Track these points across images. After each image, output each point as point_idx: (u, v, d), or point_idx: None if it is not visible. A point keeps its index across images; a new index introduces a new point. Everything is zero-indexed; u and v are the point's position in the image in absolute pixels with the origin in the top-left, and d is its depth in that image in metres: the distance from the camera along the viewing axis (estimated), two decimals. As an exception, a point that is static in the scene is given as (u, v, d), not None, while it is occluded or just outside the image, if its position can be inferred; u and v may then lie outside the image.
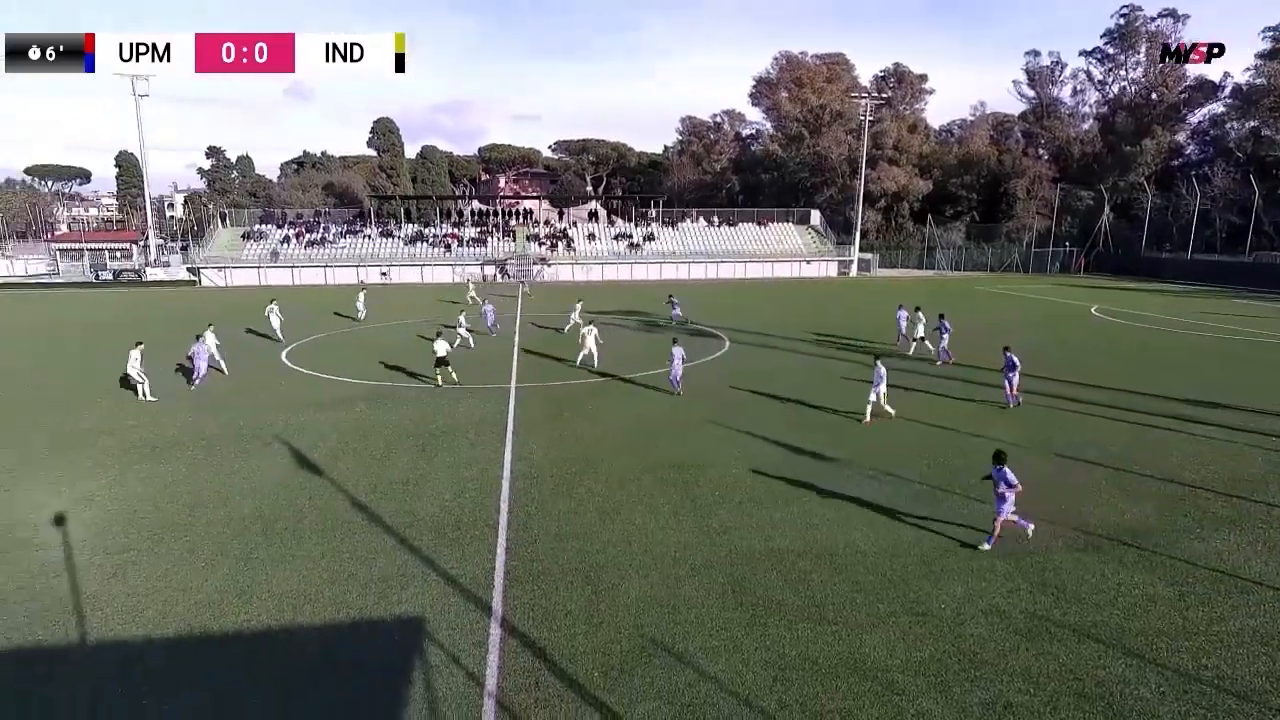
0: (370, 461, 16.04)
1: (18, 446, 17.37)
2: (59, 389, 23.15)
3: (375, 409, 20.41)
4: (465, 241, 67.95)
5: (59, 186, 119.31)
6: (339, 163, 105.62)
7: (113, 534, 12.55)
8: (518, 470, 15.47)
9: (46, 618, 9.96)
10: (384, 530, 12.59)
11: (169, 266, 64.10)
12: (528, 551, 11.81)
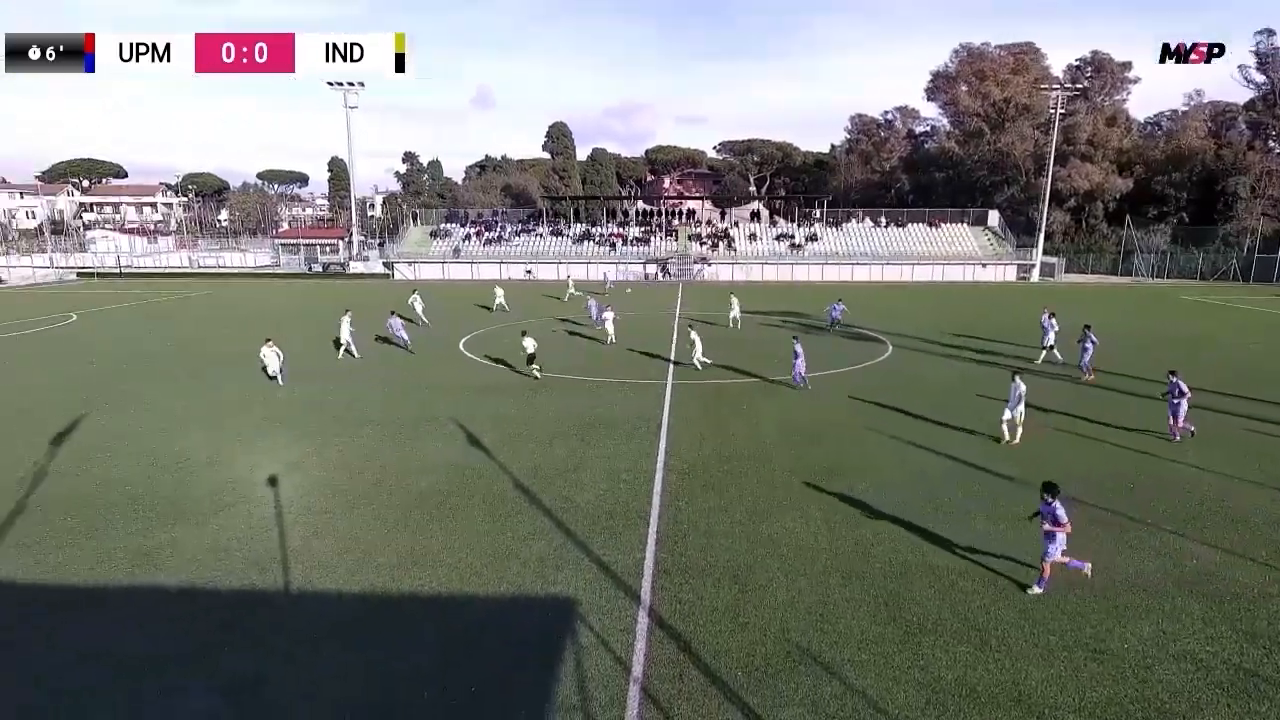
0: (534, 447, 16.85)
1: (242, 416, 19.86)
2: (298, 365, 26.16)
3: (541, 398, 21.41)
4: (629, 240, 69.60)
5: (283, 189, 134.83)
6: (516, 165, 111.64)
7: (314, 497, 14.04)
8: (670, 465, 15.66)
9: (260, 565, 11.33)
10: (543, 513, 13.19)
11: (368, 260, 70.67)
12: (677, 546, 11.93)
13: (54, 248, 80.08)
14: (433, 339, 31.74)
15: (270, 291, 54.81)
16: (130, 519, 13.06)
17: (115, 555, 11.69)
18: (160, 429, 18.64)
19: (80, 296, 51.86)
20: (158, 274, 69.70)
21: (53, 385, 23.45)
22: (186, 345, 30.86)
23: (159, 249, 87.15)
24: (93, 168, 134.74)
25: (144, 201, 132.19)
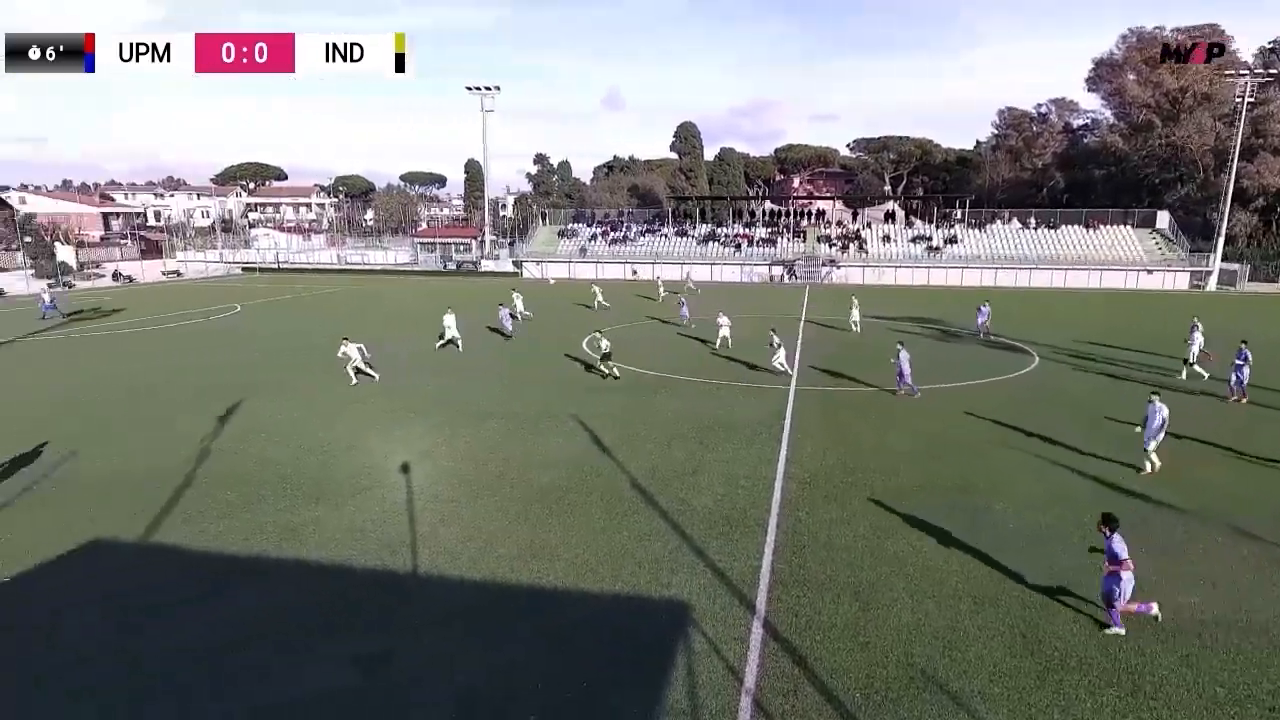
0: (652, 448, 17.01)
1: (379, 405, 21.22)
2: (411, 360, 27.79)
3: (660, 399, 21.58)
4: (755, 241, 68.91)
5: (422, 190, 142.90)
6: (643, 165, 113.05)
7: (442, 485, 14.80)
8: (791, 473, 15.37)
9: (391, 547, 12.07)
10: (660, 515, 13.29)
11: (498, 259, 73.72)
12: (795, 557, 11.70)
13: (223, 244, 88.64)
14: (556, 336, 32.71)
15: (406, 288, 58.18)
16: (280, 496, 14.26)
17: (266, 529, 12.80)
18: (308, 414, 20.23)
19: (244, 289, 57.13)
20: (309, 270, 75.63)
21: (220, 369, 25.96)
22: (332, 336, 33.26)
23: (312, 246, 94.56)
24: (259, 171, 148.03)
25: (300, 202, 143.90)
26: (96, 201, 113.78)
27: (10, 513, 13.59)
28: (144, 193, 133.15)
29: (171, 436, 18.18)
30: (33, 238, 74.21)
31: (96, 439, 18.12)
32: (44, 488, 14.85)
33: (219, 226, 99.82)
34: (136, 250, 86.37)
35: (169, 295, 54.00)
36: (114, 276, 67.66)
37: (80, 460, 16.52)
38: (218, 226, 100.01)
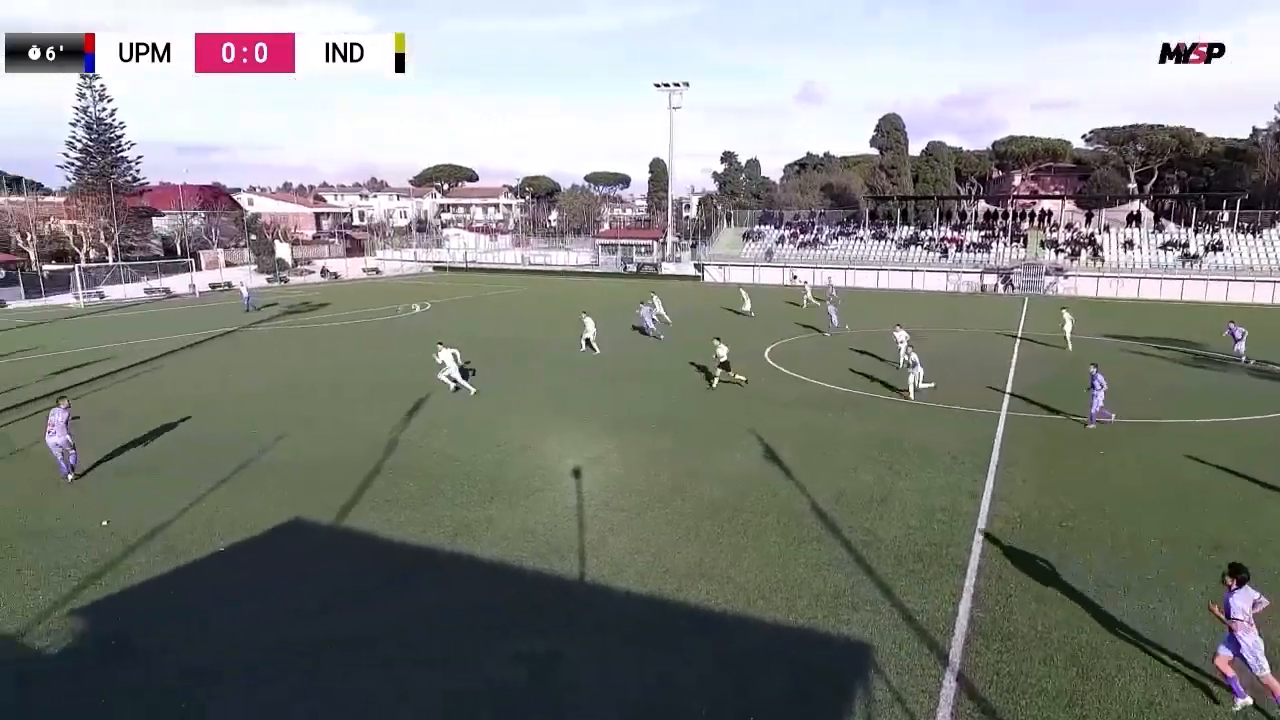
0: (836, 470, 16.51)
1: (555, 407, 22.25)
2: (584, 364, 28.91)
3: (847, 416, 20.91)
4: (965, 246, 65.00)
5: (606, 190, 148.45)
6: (838, 163, 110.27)
7: (612, 493, 15.24)
8: (997, 510, 14.30)
9: (560, 552, 12.59)
10: (841, 543, 12.85)
11: (679, 262, 74.94)
12: (999, 606, 10.85)
13: (417, 244, 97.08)
14: (743, 348, 32.65)
15: (587, 289, 60.62)
16: (457, 492, 15.34)
17: (443, 523, 13.81)
18: (486, 413, 21.63)
19: (433, 287, 62.23)
20: (494, 269, 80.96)
21: (407, 365, 28.44)
22: (513, 336, 35.42)
23: (498, 246, 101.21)
24: (452, 173, 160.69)
25: (489, 203, 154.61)
26: (311, 202, 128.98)
27: (227, 488, 15.67)
28: (351, 194, 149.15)
29: (362, 426, 20.15)
30: (257, 235, 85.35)
31: (300, 424, 20.46)
32: (255, 467, 16.99)
33: (414, 226, 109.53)
34: (342, 249, 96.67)
35: (367, 292, 60.01)
36: (322, 273, 76.21)
37: (286, 443, 18.74)
38: (413, 226, 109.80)
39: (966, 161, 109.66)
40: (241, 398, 23.61)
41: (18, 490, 15.63)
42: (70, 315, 47.17)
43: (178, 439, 19.28)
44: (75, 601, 11.09)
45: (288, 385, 25.52)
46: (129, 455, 17.94)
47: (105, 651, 9.89)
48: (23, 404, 22.88)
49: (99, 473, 16.67)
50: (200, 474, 16.44)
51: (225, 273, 69.94)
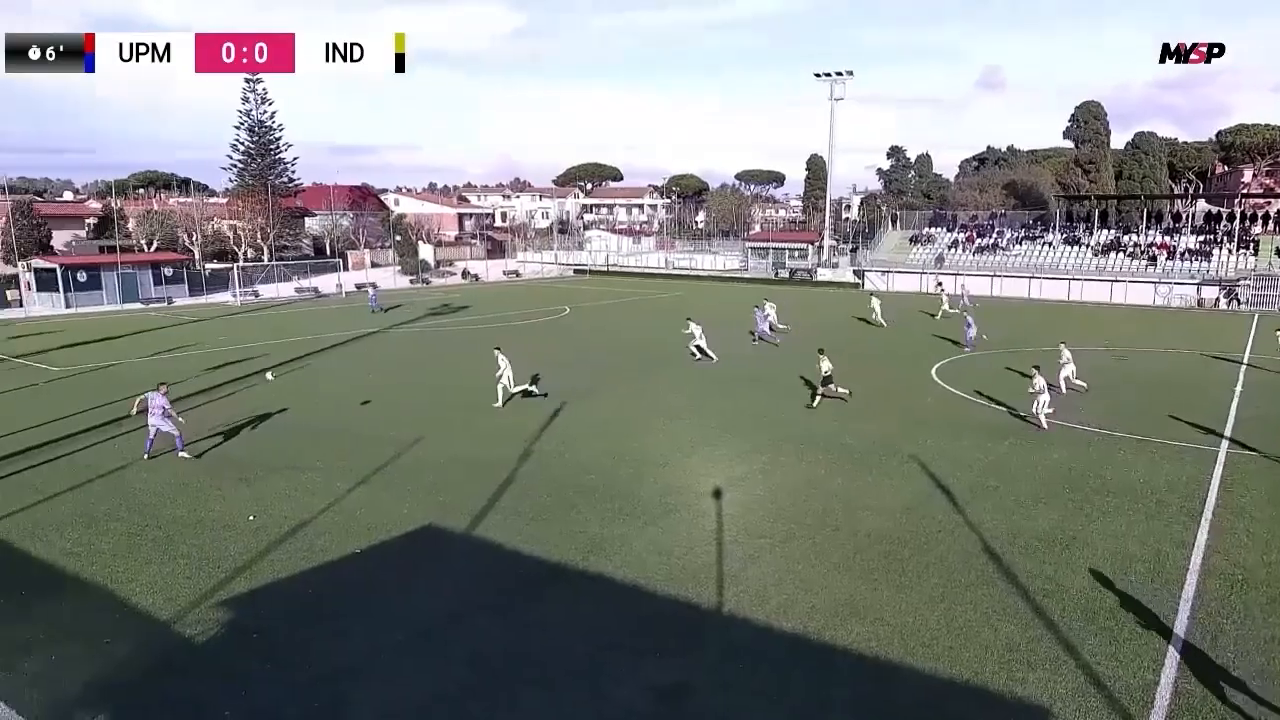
0: (1012, 506, 15.60)
1: (697, 420, 22.31)
2: (726, 375, 28.83)
3: (1026, 445, 19.72)
4: (1179, 253, 59.85)
5: (758, 189, 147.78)
6: (1025, 157, 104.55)
7: (755, 518, 15.08)
8: (1213, 564, 13.01)
9: (696, 577, 12.58)
10: (1016, 591, 12.11)
11: (836, 267, 73.38)
12: (1214, 678, 9.85)
13: (559, 245, 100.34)
14: (905, 360, 31.55)
15: (734, 295, 60.48)
16: (590, 506, 15.67)
17: (576, 538, 14.14)
18: (624, 424, 21.99)
19: (574, 291, 64.06)
20: (636, 273, 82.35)
21: (546, 370, 29.37)
22: (655, 341, 35.86)
23: (641, 249, 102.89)
24: (595, 171, 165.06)
25: (633, 203, 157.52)
26: (454, 203, 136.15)
27: (365, 490, 16.74)
28: (494, 194, 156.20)
29: (499, 433, 21.00)
30: (401, 236, 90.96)
31: (437, 427, 21.60)
32: (392, 469, 18.07)
33: (556, 227, 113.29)
34: (483, 250, 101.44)
35: (507, 295, 62.61)
36: (463, 275, 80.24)
37: (424, 446, 19.81)
38: (554, 227, 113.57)
39: (1183, 154, 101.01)
40: (381, 398, 25.17)
41: (176, 480, 17.37)
42: (228, 313, 52.07)
43: (320, 437, 20.80)
44: (221, 593, 12.17)
45: (427, 386, 27.02)
46: (274, 452, 19.53)
47: (247, 645, 10.79)
48: (184, 397, 25.39)
49: (247, 468, 18.24)
50: (340, 474, 17.68)
51: (370, 273, 74.97)
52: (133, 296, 57.37)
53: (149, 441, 18.71)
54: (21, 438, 20.72)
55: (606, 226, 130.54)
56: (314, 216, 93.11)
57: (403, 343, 38.00)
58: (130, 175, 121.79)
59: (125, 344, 38.11)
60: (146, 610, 11.65)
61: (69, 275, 55.64)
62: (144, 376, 28.33)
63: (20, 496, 16.33)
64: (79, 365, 32.09)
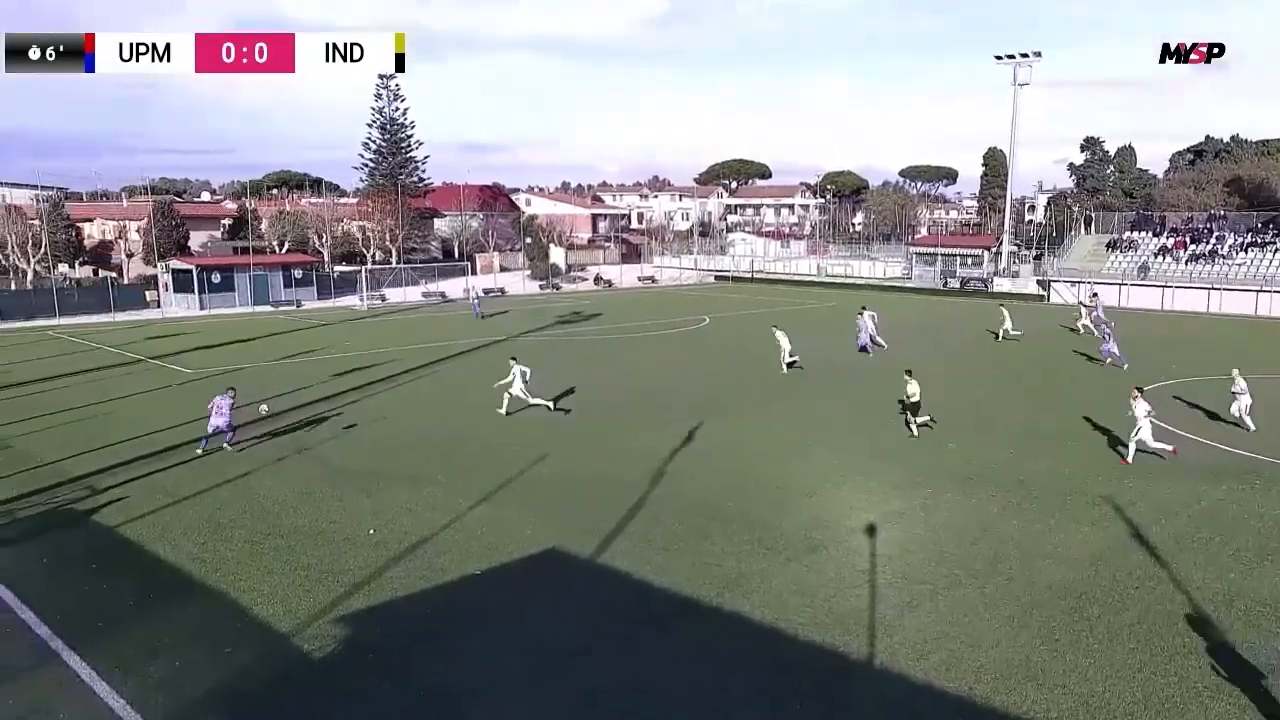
0: (1229, 562, 14.43)
1: (847, 444, 21.87)
2: (886, 394, 28.07)
3: (1250, 490, 18.20)
4: None
5: (926, 187, 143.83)
6: (1253, 149, 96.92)
7: (914, 560, 14.61)
8: None
9: (844, 623, 12.30)
10: (1234, 662, 11.17)
11: (1016, 277, 70.19)
12: None
13: (698, 249, 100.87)
14: (1086, 386, 29.83)
15: (897, 306, 58.97)
16: (726, 536, 15.62)
17: (710, 571, 14.12)
18: (767, 446, 21.83)
19: (714, 299, 64.20)
20: (784, 280, 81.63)
21: (682, 385, 29.62)
22: (802, 358, 35.37)
23: (790, 254, 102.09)
24: (741, 169, 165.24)
25: (782, 203, 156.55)
26: (588, 203, 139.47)
27: (487, 507, 17.34)
28: (630, 194, 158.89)
29: (629, 451, 21.30)
30: (532, 238, 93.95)
31: (564, 442, 22.15)
32: (516, 486, 18.65)
33: (696, 230, 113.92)
34: (617, 254, 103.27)
35: (642, 302, 63.44)
36: (595, 280, 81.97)
37: (549, 463, 20.36)
38: (695, 230, 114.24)
39: None
40: (499, 411, 25.99)
41: (300, 489, 18.56)
42: (355, 317, 55.24)
43: (443, 449, 21.73)
44: (340, 609, 12.87)
45: (553, 398, 27.69)
46: (397, 463, 20.54)
47: (364, 663, 11.37)
48: (310, 404, 27.12)
49: (369, 478, 19.26)
50: (462, 488, 18.41)
51: (499, 277, 77.81)
52: (263, 299, 61.88)
53: (205, 439, 21.55)
54: (155, 439, 22.70)
55: (752, 229, 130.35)
56: (443, 217, 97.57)
57: (531, 351, 39.12)
58: (265, 175, 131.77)
59: (255, 347, 41.11)
60: (266, 620, 12.48)
61: (204, 276, 60.71)
62: (273, 380, 30.47)
63: (151, 498, 17.89)
64: (211, 368, 34.80)
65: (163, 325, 51.19)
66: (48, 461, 20.85)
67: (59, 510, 17.52)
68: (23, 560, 14.88)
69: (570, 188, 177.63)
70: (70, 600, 13.18)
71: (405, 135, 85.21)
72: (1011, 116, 71.18)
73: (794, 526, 16.19)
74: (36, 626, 12.25)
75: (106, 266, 79.38)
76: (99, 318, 54.44)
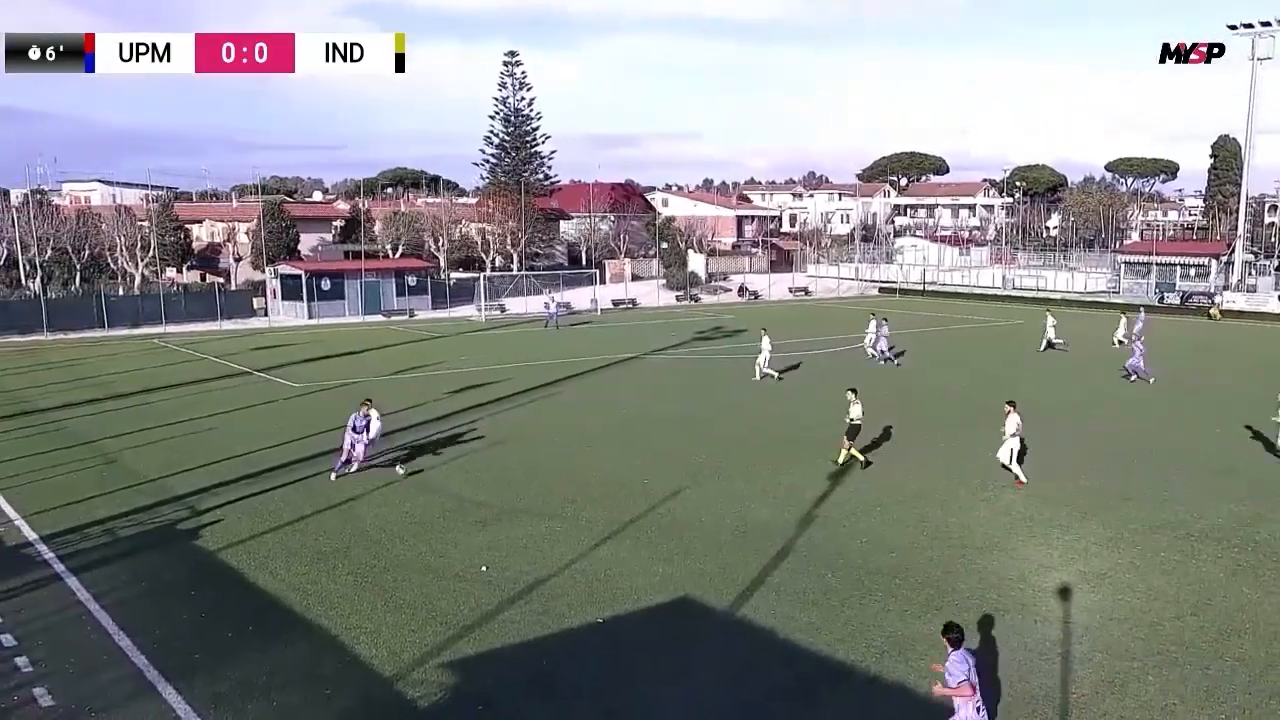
0: None
1: (1030, 493, 21.01)
2: (1104, 435, 26.84)
3: None
4: None
5: (1138, 184, 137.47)
6: None
7: (1118, 632, 13.88)
8: None
9: (1031, 703, 11.78)
10: None
11: (1253, 291, 66.05)
12: None
13: (860, 256, 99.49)
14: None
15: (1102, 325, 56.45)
16: (889, 593, 15.25)
17: (868, 633, 13.81)
18: (939, 488, 21.28)
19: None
20: (963, 294, 79.49)
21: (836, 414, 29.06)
22: (983, 384, 34.31)
23: (969, 262, 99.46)
24: (912, 163, 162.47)
25: (961, 203, 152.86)
26: (732, 203, 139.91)
27: (612, 547, 17.53)
28: (781, 192, 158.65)
29: (774, 489, 21.19)
30: (669, 243, 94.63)
31: (701, 476, 22.26)
32: (645, 525, 18.79)
33: (858, 234, 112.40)
34: (765, 261, 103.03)
35: (794, 317, 62.99)
36: (739, 291, 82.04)
37: (683, 499, 20.43)
38: (856, 234, 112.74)
39: None
40: (634, 436, 26.28)
41: (408, 518, 19.29)
42: (472, 329, 57.05)
43: (565, 479, 22.18)
44: (448, 652, 13.23)
45: (687, 425, 27.84)
46: (514, 492, 21.09)
47: (472, 715, 11.65)
48: (422, 424, 28.12)
49: (483, 509, 19.83)
50: (586, 524, 18.72)
51: (630, 287, 78.76)
52: (374, 307, 64.83)
53: (339, 462, 22.34)
54: (258, 458, 24.03)
55: (924, 233, 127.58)
56: (569, 219, 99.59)
57: (663, 371, 39.49)
58: (379, 173, 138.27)
59: (366, 360, 43.04)
60: (369, 662, 12.96)
61: (313, 282, 64.10)
62: (383, 397, 31.76)
63: (253, 522, 18.95)
64: (319, 382, 36.65)
65: (270, 334, 54.30)
66: (150, 478, 22.40)
67: (160, 530, 18.79)
68: (122, 583, 15.98)
69: (712, 186, 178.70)
70: (168, 628, 14.07)
71: (530, 127, 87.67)
72: (1249, 98, 67.30)
73: (971, 585, 15.67)
74: (133, 655, 13.11)
75: (214, 270, 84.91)
76: (206, 325, 58.31)
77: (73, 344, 51.89)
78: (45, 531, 18.51)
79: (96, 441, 26.49)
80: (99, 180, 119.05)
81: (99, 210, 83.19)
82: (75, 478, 22.60)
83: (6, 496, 21.04)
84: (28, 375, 40.51)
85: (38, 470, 23.19)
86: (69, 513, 19.68)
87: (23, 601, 15.04)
